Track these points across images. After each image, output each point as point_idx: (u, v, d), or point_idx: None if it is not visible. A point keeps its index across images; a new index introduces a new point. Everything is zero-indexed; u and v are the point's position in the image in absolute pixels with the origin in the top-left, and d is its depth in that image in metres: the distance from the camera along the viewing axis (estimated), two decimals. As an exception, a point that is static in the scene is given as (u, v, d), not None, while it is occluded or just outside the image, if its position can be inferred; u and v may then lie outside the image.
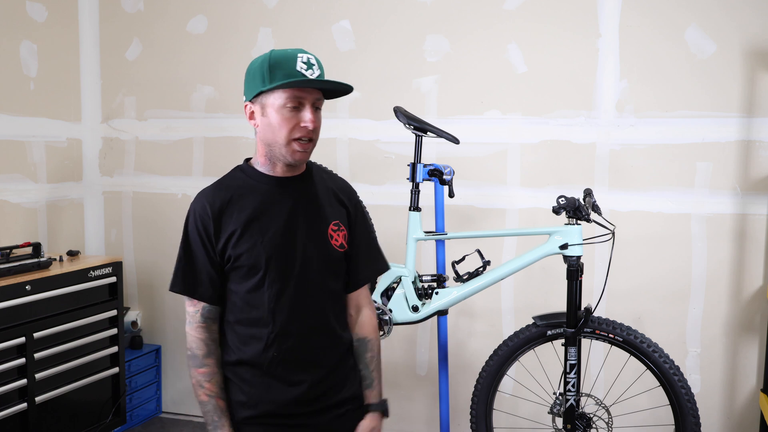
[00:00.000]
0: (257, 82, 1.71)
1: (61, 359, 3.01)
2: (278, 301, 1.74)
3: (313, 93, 1.71)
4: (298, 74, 1.67)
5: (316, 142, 1.76)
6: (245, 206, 1.76)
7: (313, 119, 1.70)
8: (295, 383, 1.75)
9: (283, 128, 1.69)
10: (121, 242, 3.86)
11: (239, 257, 1.74)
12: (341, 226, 1.83)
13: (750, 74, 2.93)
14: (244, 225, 1.74)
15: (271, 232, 1.74)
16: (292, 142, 1.70)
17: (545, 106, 3.16)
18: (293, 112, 1.70)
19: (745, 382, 3.04)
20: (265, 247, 1.73)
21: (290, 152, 1.72)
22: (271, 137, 1.73)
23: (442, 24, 3.27)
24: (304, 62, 1.69)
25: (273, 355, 1.74)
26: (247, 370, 1.77)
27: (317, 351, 1.78)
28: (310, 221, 1.78)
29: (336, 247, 1.80)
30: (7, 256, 2.91)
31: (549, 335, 2.62)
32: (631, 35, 3.04)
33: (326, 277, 1.80)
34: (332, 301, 1.83)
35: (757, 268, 2.98)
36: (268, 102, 1.71)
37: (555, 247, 2.55)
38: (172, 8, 3.67)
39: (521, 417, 3.20)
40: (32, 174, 3.47)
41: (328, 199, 1.84)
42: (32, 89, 3.46)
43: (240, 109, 3.60)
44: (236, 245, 1.74)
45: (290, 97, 1.69)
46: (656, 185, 3.06)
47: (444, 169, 2.75)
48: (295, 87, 1.68)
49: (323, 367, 1.79)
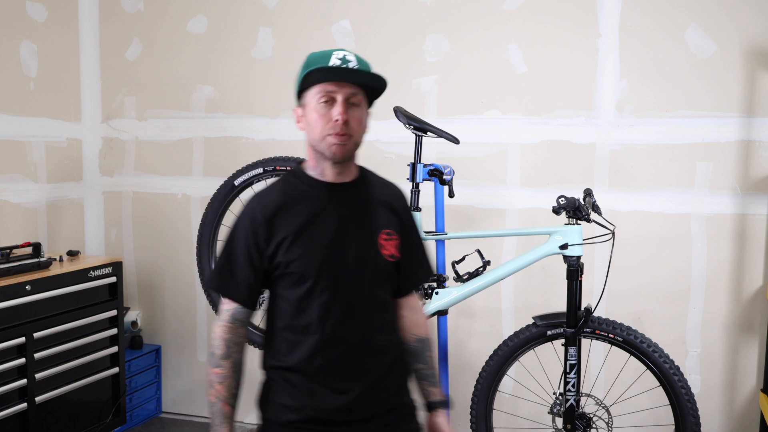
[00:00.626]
0: (296, 85, 1.74)
1: (61, 359, 3.01)
2: (328, 310, 1.71)
3: (345, 87, 1.68)
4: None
5: (356, 138, 1.72)
6: (298, 213, 1.74)
7: (341, 112, 1.67)
8: (341, 392, 1.72)
9: (318, 124, 1.69)
10: (121, 242, 3.86)
11: (290, 264, 1.72)
12: (392, 234, 1.79)
13: (750, 74, 2.93)
14: (296, 232, 1.72)
15: (323, 240, 1.72)
16: (327, 137, 1.69)
17: (545, 106, 3.16)
18: (326, 107, 1.68)
19: (745, 382, 3.04)
20: (317, 256, 1.71)
21: (327, 147, 1.70)
22: (310, 135, 1.73)
23: (442, 24, 3.27)
24: (339, 58, 1.69)
25: (320, 362, 1.72)
26: (294, 376, 1.75)
27: (364, 360, 1.75)
28: (361, 229, 1.76)
29: (386, 256, 1.77)
30: (7, 256, 2.91)
31: (549, 335, 2.62)
32: (631, 35, 3.04)
33: (376, 287, 1.77)
34: (381, 310, 1.79)
35: (757, 268, 2.98)
36: (307, 101, 1.72)
37: (555, 247, 2.55)
38: (172, 8, 3.67)
39: (521, 417, 3.20)
40: (32, 174, 3.48)
41: (380, 207, 1.81)
42: (32, 89, 3.46)
43: (239, 109, 3.60)
44: (287, 252, 1.72)
45: (320, 91, 1.68)
46: (656, 185, 3.06)
47: (444, 169, 2.75)
48: (321, 80, 1.67)
49: (370, 377, 1.75)
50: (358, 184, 1.81)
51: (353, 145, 1.73)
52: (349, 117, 1.69)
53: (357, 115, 1.71)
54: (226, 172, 3.22)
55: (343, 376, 1.73)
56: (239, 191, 3.01)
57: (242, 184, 2.98)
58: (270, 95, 3.54)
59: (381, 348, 1.78)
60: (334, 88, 1.68)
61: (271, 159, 2.96)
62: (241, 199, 3.12)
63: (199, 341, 3.76)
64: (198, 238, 3.08)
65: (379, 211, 1.80)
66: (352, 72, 1.69)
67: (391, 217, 1.82)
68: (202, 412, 3.79)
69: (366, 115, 1.76)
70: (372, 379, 1.75)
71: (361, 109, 1.73)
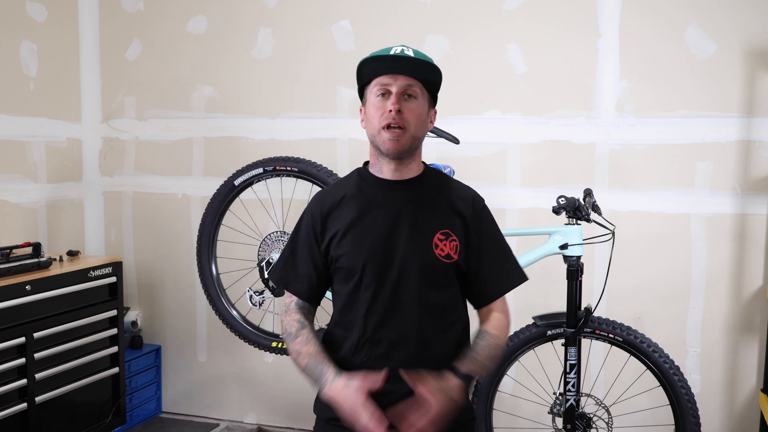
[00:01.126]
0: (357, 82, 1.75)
1: (61, 359, 3.01)
2: (371, 307, 1.70)
3: (399, 80, 1.67)
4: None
5: (412, 132, 1.69)
6: (352, 208, 1.75)
7: (395, 102, 1.65)
8: (385, 393, 1.66)
9: (375, 117, 1.69)
10: (121, 242, 3.86)
11: (339, 258, 1.73)
12: (451, 235, 1.73)
13: (750, 74, 2.93)
14: (347, 227, 1.73)
15: (372, 235, 1.71)
16: (382, 130, 1.68)
17: (545, 106, 3.16)
18: (382, 101, 1.68)
19: (745, 382, 3.04)
20: (364, 251, 1.70)
21: (382, 141, 1.69)
22: (369, 130, 1.73)
23: (442, 24, 3.27)
24: (397, 53, 1.70)
25: (362, 360, 1.71)
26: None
27: (408, 363, 1.68)
28: (414, 228, 1.72)
29: (441, 257, 1.71)
30: (7, 256, 2.91)
31: (549, 335, 2.62)
32: (631, 35, 3.04)
33: (426, 288, 1.71)
34: (431, 314, 1.72)
35: (757, 268, 2.98)
36: (366, 97, 1.73)
37: (555, 247, 2.56)
38: (172, 8, 3.67)
39: (521, 417, 3.20)
40: (32, 174, 3.47)
41: (441, 207, 1.76)
42: (32, 89, 3.46)
43: (239, 109, 3.60)
44: (338, 246, 1.73)
45: (377, 83, 1.69)
46: (656, 185, 3.06)
47: (444, 169, 2.75)
48: (375, 72, 1.68)
49: None
50: (418, 182, 1.77)
51: (409, 139, 1.69)
52: (404, 108, 1.67)
53: (413, 107, 1.69)
54: (226, 172, 3.22)
55: (387, 375, 1.68)
56: (239, 191, 3.01)
57: (242, 184, 2.98)
58: (270, 95, 3.54)
59: (428, 353, 1.71)
60: (389, 81, 1.68)
61: (271, 159, 2.96)
62: (241, 200, 3.12)
63: (199, 341, 3.76)
64: (198, 238, 3.08)
65: (439, 212, 1.75)
66: (404, 60, 1.67)
67: (454, 219, 1.75)
68: (202, 412, 3.79)
69: (425, 109, 1.73)
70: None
71: (419, 102, 1.71)
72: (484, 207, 1.83)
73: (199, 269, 3.07)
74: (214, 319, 3.51)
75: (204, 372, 3.77)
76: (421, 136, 1.74)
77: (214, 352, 3.74)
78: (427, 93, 1.74)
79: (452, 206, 1.77)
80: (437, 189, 1.79)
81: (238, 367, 3.69)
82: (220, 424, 3.70)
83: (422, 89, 1.72)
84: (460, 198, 1.79)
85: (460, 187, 1.85)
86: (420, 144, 1.76)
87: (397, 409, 1.64)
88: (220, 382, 3.74)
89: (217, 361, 3.74)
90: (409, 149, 1.72)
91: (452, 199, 1.78)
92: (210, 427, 3.66)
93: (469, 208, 1.78)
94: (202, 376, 3.77)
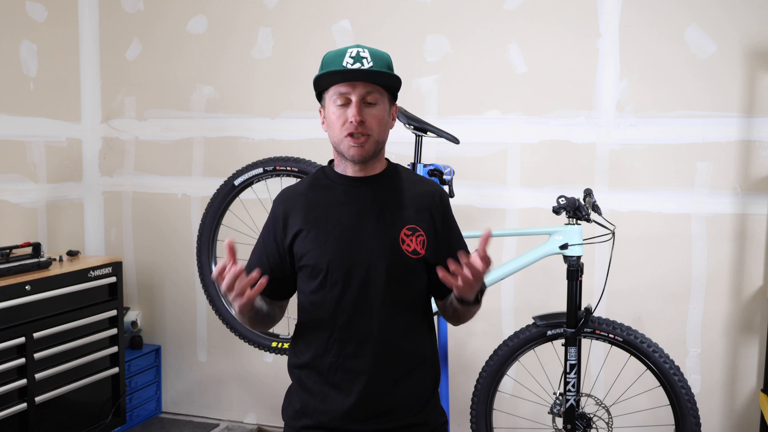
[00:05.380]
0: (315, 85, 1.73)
1: (61, 359, 3.01)
2: (338, 305, 1.69)
3: (358, 87, 1.66)
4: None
5: (376, 137, 1.70)
6: (315, 206, 1.75)
7: (356, 113, 1.65)
8: (351, 393, 1.69)
9: (336, 125, 1.69)
10: (121, 242, 3.86)
11: (303, 257, 1.73)
12: (418, 230, 1.73)
13: (750, 74, 2.92)
14: (311, 225, 1.73)
15: (337, 233, 1.71)
16: (345, 138, 1.68)
17: (545, 106, 3.16)
18: (342, 109, 1.68)
19: (745, 382, 3.03)
20: (329, 248, 1.69)
21: (346, 148, 1.69)
22: (331, 136, 1.73)
23: (442, 24, 3.27)
24: (352, 56, 1.67)
25: (332, 360, 1.71)
26: (309, 376, 1.75)
27: (377, 362, 1.69)
28: (380, 224, 1.71)
29: (408, 252, 1.71)
30: (7, 256, 2.91)
31: (549, 335, 2.62)
32: (631, 35, 3.04)
33: (393, 284, 1.71)
34: (399, 310, 1.72)
35: (757, 268, 2.98)
36: (325, 102, 1.73)
37: (555, 247, 2.55)
38: (172, 8, 3.67)
39: (521, 417, 3.20)
40: (32, 174, 3.47)
41: (407, 203, 1.75)
42: (32, 89, 3.46)
43: (239, 109, 3.60)
44: (302, 244, 1.73)
45: (335, 92, 1.68)
46: (656, 185, 3.06)
47: (444, 169, 2.75)
48: (334, 83, 1.67)
49: (382, 381, 1.70)
50: (382, 178, 1.77)
51: (373, 144, 1.70)
52: (366, 116, 1.67)
53: (375, 113, 1.68)
54: (226, 172, 3.22)
55: (354, 376, 1.69)
56: (239, 191, 3.01)
57: (242, 184, 2.98)
58: (270, 95, 3.54)
59: (397, 351, 1.72)
60: (347, 90, 1.67)
61: (271, 159, 2.97)
62: (241, 199, 3.12)
63: (198, 341, 3.76)
64: (198, 238, 3.08)
65: (405, 207, 1.75)
66: (363, 73, 1.65)
67: (420, 214, 1.76)
68: (202, 412, 3.79)
69: (386, 112, 1.73)
70: (385, 383, 1.70)
71: (380, 107, 1.70)
72: (448, 201, 1.85)
73: (199, 269, 3.07)
74: (214, 319, 3.51)
75: (204, 372, 3.77)
76: (384, 138, 1.74)
77: (214, 352, 3.74)
78: (387, 93, 1.74)
79: (418, 201, 1.77)
80: (402, 185, 1.79)
81: (238, 367, 3.69)
82: (220, 424, 3.70)
83: (382, 92, 1.71)
84: (425, 193, 1.80)
85: (424, 181, 1.86)
86: (384, 145, 1.77)
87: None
88: (220, 382, 3.74)
89: (217, 361, 3.74)
90: (373, 153, 1.73)
91: (417, 194, 1.78)
92: (210, 427, 3.66)
93: (435, 203, 1.80)
94: (202, 376, 3.77)
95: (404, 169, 1.85)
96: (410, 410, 1.74)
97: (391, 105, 1.76)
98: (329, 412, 1.71)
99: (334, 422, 1.71)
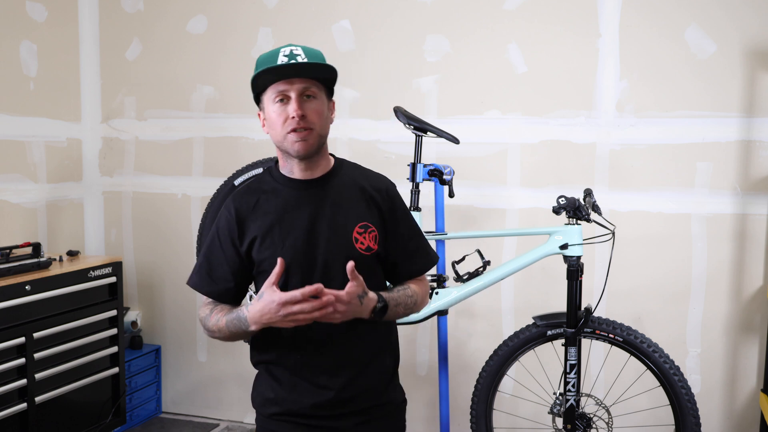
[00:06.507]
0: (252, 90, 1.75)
1: (61, 359, 3.01)
2: None
3: (296, 83, 1.69)
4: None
5: (318, 130, 1.72)
6: (268, 211, 1.76)
7: (296, 108, 1.67)
8: (321, 386, 1.75)
9: (278, 123, 1.70)
10: (121, 242, 3.86)
11: (262, 262, 1.75)
12: (369, 227, 1.77)
13: (750, 74, 2.93)
14: (266, 230, 1.74)
15: (292, 237, 1.73)
16: (288, 135, 1.70)
17: (545, 106, 3.16)
18: (282, 106, 1.70)
19: (745, 382, 3.04)
20: (286, 254, 1.71)
21: (290, 145, 1.71)
22: (273, 136, 1.74)
23: (442, 24, 3.27)
24: (285, 55, 1.69)
25: (297, 358, 1.75)
26: (277, 369, 1.79)
27: (342, 354, 1.76)
28: (333, 225, 1.74)
29: (361, 250, 1.75)
30: (7, 256, 2.91)
31: (549, 335, 2.62)
32: (631, 35, 3.04)
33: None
34: None
35: (757, 268, 2.98)
36: (264, 104, 1.75)
37: (555, 247, 2.56)
38: (172, 8, 3.67)
39: (521, 417, 3.20)
40: (32, 174, 3.47)
41: (356, 200, 1.79)
42: (32, 89, 3.46)
43: (239, 109, 3.60)
44: (259, 250, 1.75)
45: (274, 91, 1.70)
46: (656, 185, 3.06)
47: (444, 169, 2.75)
48: (271, 82, 1.69)
49: (350, 369, 1.76)
50: (330, 178, 1.80)
51: (316, 138, 1.72)
52: (307, 111, 1.69)
53: (314, 107, 1.71)
54: (226, 172, 3.22)
55: (322, 371, 1.75)
56: (239, 191, 3.01)
57: (242, 184, 2.98)
58: (270, 95, 3.54)
59: (361, 340, 1.77)
60: (285, 87, 1.69)
61: (270, 159, 2.97)
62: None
63: (198, 341, 3.76)
64: (198, 238, 3.08)
65: (354, 205, 1.78)
66: (299, 67, 1.68)
67: (370, 210, 1.79)
68: (202, 412, 3.79)
69: (325, 105, 1.75)
70: (353, 371, 1.76)
71: (318, 101, 1.72)
72: (397, 193, 1.87)
73: (199, 269, 3.07)
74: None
75: (204, 372, 3.77)
76: (326, 133, 1.76)
77: (214, 352, 3.74)
78: (324, 87, 1.76)
79: (367, 197, 1.80)
80: (350, 182, 1.81)
81: (238, 367, 3.69)
82: (220, 424, 3.70)
83: (319, 86, 1.73)
84: (373, 188, 1.82)
85: (371, 176, 1.87)
86: (326, 140, 1.79)
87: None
88: (220, 382, 3.74)
89: (217, 361, 3.74)
90: (317, 148, 1.74)
91: (366, 189, 1.81)
92: (210, 427, 3.66)
93: (384, 197, 1.82)
94: (202, 376, 3.77)
95: (350, 165, 1.87)
96: (375, 392, 1.80)
97: (329, 99, 1.79)
98: (299, 401, 1.76)
99: (304, 410, 1.76)
